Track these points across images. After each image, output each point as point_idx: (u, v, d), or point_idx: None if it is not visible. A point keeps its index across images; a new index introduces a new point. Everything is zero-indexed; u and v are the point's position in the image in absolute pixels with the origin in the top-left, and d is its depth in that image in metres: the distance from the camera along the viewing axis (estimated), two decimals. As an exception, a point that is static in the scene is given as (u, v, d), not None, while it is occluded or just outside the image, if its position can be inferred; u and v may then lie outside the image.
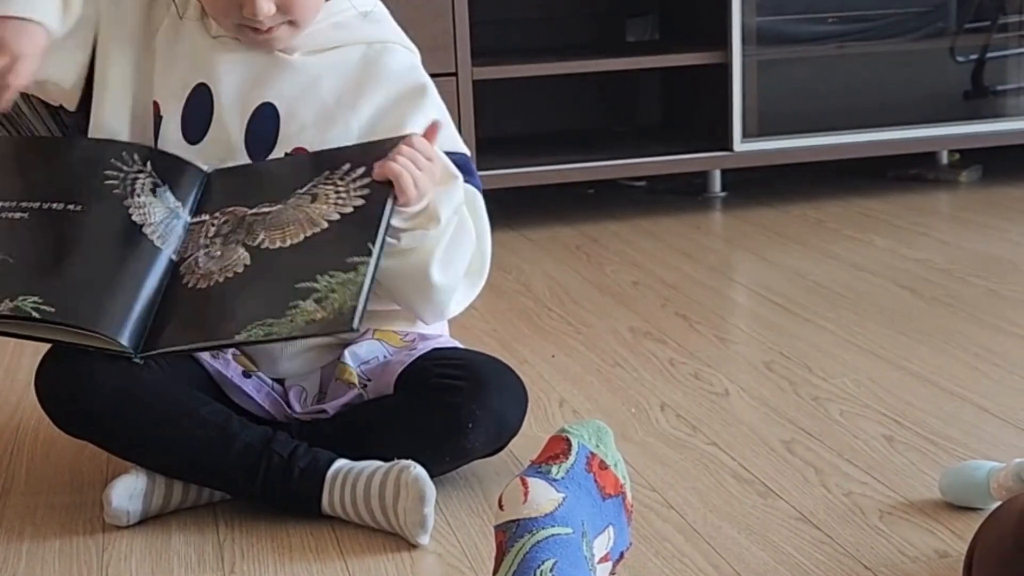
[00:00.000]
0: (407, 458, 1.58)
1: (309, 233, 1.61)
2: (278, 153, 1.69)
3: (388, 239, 1.59)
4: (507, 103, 3.51)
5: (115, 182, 1.68)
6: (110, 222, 1.66)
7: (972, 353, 2.14)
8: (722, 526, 1.56)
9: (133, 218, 1.66)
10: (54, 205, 1.66)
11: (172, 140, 1.70)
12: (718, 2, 3.28)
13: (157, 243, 1.65)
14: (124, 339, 1.57)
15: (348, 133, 1.69)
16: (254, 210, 1.65)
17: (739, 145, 3.31)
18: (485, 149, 3.12)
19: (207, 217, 1.67)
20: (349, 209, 1.60)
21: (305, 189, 1.65)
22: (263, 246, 1.62)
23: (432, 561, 1.50)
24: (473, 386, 1.63)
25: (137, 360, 1.58)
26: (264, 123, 1.69)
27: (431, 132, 1.63)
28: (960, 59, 3.50)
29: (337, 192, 1.62)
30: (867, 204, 3.33)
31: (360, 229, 1.59)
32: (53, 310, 1.56)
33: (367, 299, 1.53)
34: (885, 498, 1.61)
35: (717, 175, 3.52)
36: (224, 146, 1.69)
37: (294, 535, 1.58)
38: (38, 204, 1.67)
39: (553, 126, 3.72)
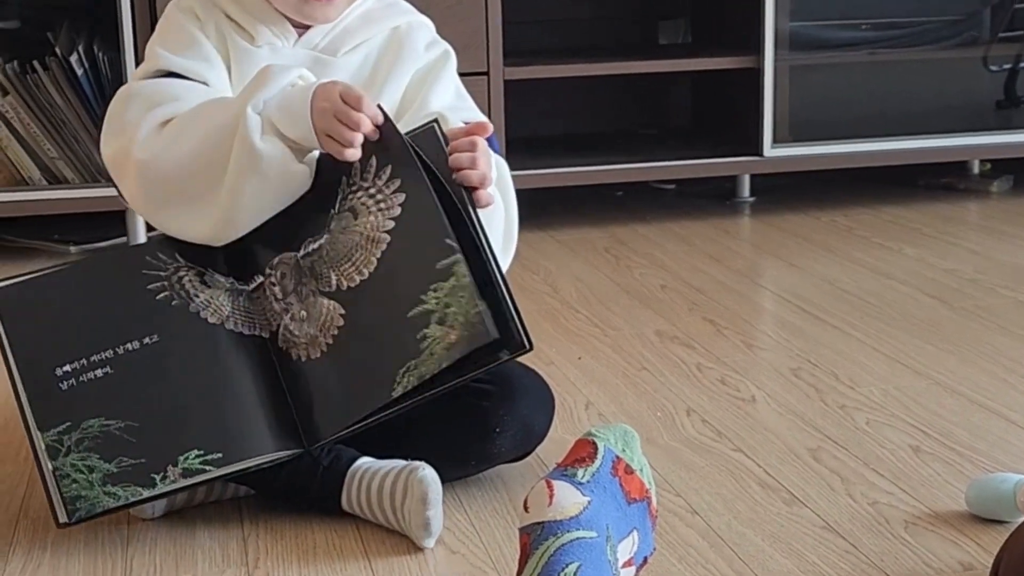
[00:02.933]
0: (433, 461, 1.58)
1: (378, 254, 1.55)
2: None
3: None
4: (537, 103, 3.51)
5: (166, 293, 1.60)
6: (192, 336, 1.58)
7: (1000, 364, 2.13)
8: (746, 533, 1.55)
9: (210, 320, 1.59)
10: (128, 346, 1.58)
11: None
12: (751, 6, 3.27)
13: (245, 331, 1.61)
14: (293, 448, 1.56)
15: (392, 107, 1.69)
16: (302, 251, 1.60)
17: (769, 150, 3.30)
18: (514, 149, 3.12)
19: (262, 278, 1.62)
20: (397, 211, 1.55)
21: (338, 207, 1.59)
22: (344, 287, 1.57)
23: (455, 561, 1.50)
24: (502, 391, 1.64)
25: (313, 451, 1.57)
26: None
27: (480, 129, 1.60)
28: (993, 68, 3.48)
29: (372, 197, 1.57)
30: (897, 212, 3.32)
31: (424, 228, 1.53)
32: (221, 455, 1.52)
33: (481, 298, 1.48)
34: (910, 508, 1.61)
35: (746, 180, 3.51)
36: None
37: (318, 533, 1.58)
38: (111, 351, 1.56)
39: (583, 127, 3.71)
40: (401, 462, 1.58)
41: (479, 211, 1.56)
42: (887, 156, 3.38)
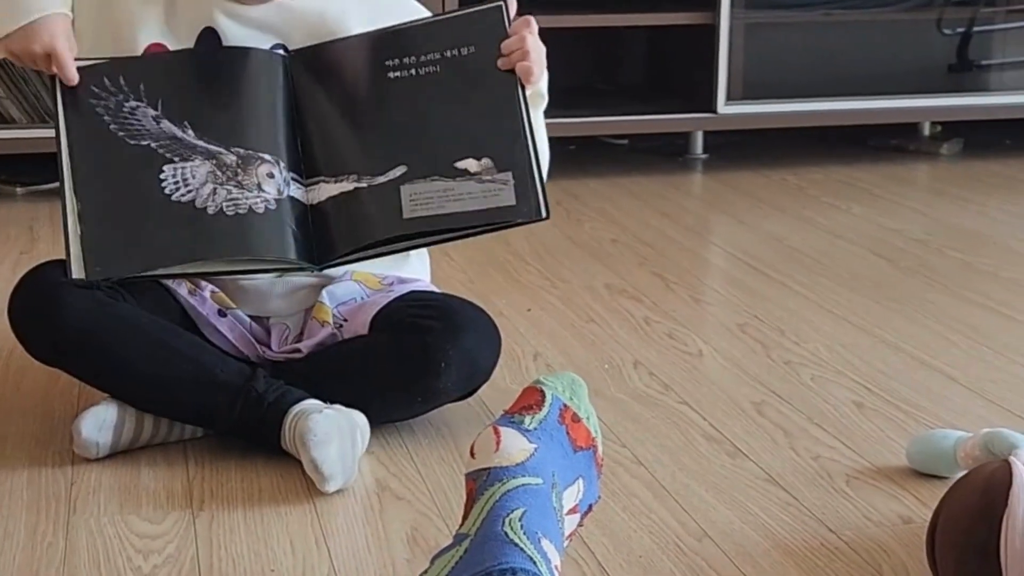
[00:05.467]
0: (379, 399, 1.59)
1: None
2: None
3: None
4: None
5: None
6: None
7: (944, 324, 2.15)
8: (690, 484, 1.57)
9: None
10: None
11: None
12: (708, -37, 3.27)
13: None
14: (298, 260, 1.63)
15: None
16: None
17: (723, 107, 3.30)
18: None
19: None
20: None
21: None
22: None
23: (401, 508, 1.50)
24: (447, 327, 1.63)
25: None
26: None
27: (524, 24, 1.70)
28: (947, 31, 3.50)
29: None
30: (847, 172, 3.34)
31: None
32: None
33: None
34: (852, 463, 1.62)
35: (699, 136, 3.51)
36: None
37: (264, 477, 1.58)
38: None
39: (537, 80, 3.69)
40: (324, 405, 1.59)
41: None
42: (839, 116, 3.40)
